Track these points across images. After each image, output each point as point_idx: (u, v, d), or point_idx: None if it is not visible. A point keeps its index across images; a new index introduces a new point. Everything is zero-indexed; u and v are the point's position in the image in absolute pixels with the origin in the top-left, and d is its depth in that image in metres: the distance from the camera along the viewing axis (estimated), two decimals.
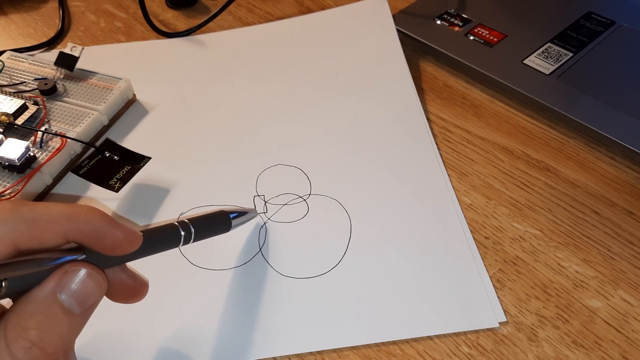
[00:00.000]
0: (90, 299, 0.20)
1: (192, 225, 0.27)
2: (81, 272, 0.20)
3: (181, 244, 0.26)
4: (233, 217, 0.31)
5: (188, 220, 0.27)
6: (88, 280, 0.20)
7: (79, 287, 0.20)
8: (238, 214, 0.32)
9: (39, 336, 0.18)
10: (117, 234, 0.21)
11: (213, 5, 0.53)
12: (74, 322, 0.20)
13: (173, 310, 0.32)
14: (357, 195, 0.36)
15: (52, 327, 0.19)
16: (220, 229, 0.31)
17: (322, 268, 0.33)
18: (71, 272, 0.20)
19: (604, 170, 0.38)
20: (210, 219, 0.30)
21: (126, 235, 0.21)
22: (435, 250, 0.33)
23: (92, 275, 0.20)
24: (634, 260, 0.33)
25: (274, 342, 0.30)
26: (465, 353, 0.30)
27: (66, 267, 0.20)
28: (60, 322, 0.19)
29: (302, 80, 0.44)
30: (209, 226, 0.29)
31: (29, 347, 0.18)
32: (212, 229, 0.30)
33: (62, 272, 0.19)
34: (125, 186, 0.38)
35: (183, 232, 0.26)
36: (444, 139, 0.40)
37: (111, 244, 0.21)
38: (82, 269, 0.20)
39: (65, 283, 0.19)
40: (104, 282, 0.21)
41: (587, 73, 0.42)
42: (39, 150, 0.37)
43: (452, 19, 0.47)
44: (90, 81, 0.42)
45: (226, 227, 0.31)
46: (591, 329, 0.30)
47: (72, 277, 0.20)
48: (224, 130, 0.41)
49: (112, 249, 0.21)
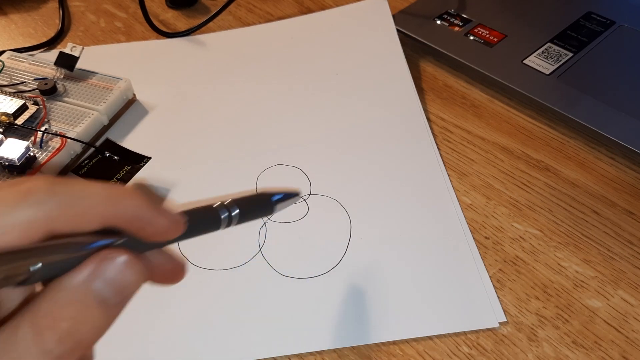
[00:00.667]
0: (128, 289, 0.18)
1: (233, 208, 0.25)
2: (120, 260, 0.18)
3: (222, 227, 0.25)
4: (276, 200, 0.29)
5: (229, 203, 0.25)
6: (127, 269, 0.18)
7: (116, 277, 0.18)
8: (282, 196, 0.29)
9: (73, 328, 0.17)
10: (160, 222, 0.19)
11: (213, 5, 0.53)
12: (108, 313, 0.18)
13: (173, 310, 0.32)
14: (357, 195, 0.36)
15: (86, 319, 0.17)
16: (263, 212, 0.28)
17: (322, 268, 0.33)
18: (109, 260, 0.18)
19: (604, 170, 0.38)
20: (253, 202, 0.28)
21: (170, 223, 0.20)
22: (435, 250, 0.33)
23: (131, 264, 0.18)
24: (634, 260, 0.33)
25: (274, 342, 0.30)
26: (465, 353, 0.30)
27: (103, 253, 0.18)
28: (95, 313, 0.17)
29: (302, 80, 0.44)
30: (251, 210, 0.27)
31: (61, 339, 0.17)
32: (255, 212, 0.28)
33: (98, 259, 0.18)
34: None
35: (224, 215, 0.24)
36: (444, 139, 0.40)
37: (153, 232, 0.19)
38: (121, 256, 0.18)
39: (102, 271, 0.18)
40: (144, 271, 0.19)
41: (587, 73, 0.42)
42: (39, 150, 0.37)
43: (452, 19, 0.47)
44: (90, 81, 0.42)
45: (269, 210, 0.29)
46: (591, 329, 0.30)
47: (109, 265, 0.18)
48: (224, 130, 0.41)
49: (153, 236, 0.19)
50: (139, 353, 0.30)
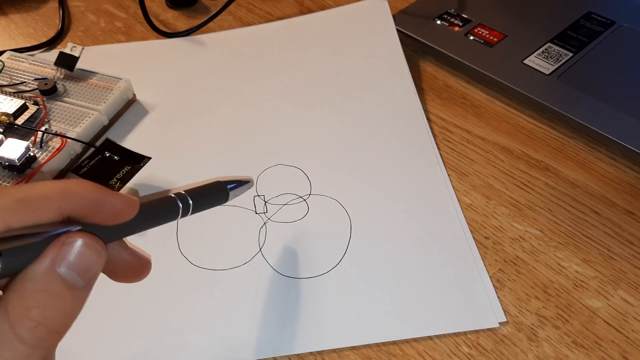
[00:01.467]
0: (91, 269, 0.19)
1: (189, 197, 0.26)
2: (78, 242, 0.19)
3: (179, 216, 0.25)
4: (231, 188, 0.30)
5: (185, 192, 0.26)
6: (87, 250, 0.19)
7: (78, 258, 0.18)
8: (236, 184, 0.31)
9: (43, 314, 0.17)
10: (114, 202, 0.20)
11: (213, 5, 0.53)
12: (77, 296, 0.19)
13: (173, 310, 0.32)
14: (357, 195, 0.36)
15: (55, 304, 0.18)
16: (218, 199, 0.29)
17: (322, 268, 0.33)
18: (68, 244, 0.19)
19: (604, 170, 0.38)
20: (208, 190, 0.29)
21: (123, 202, 0.20)
22: (435, 250, 0.33)
23: (90, 245, 0.19)
24: (634, 260, 0.33)
25: (274, 342, 0.30)
26: (465, 353, 0.30)
27: (62, 238, 0.19)
28: (63, 297, 0.18)
29: (302, 80, 0.44)
30: (207, 197, 0.28)
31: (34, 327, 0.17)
32: (210, 200, 0.29)
33: (59, 245, 0.18)
34: (126, 186, 0.38)
35: (181, 203, 0.25)
36: (444, 139, 0.40)
37: (109, 213, 0.20)
38: (79, 238, 0.19)
39: (63, 255, 0.18)
40: (103, 251, 0.20)
41: (587, 73, 0.42)
42: (39, 150, 0.37)
43: (452, 19, 0.47)
44: (90, 81, 0.42)
45: (224, 197, 0.30)
46: (591, 329, 0.30)
47: (69, 248, 0.18)
48: (224, 130, 0.41)
49: (111, 217, 0.20)
50: (139, 353, 0.30)
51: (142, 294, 0.32)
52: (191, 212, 0.26)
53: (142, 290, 0.32)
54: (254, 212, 0.36)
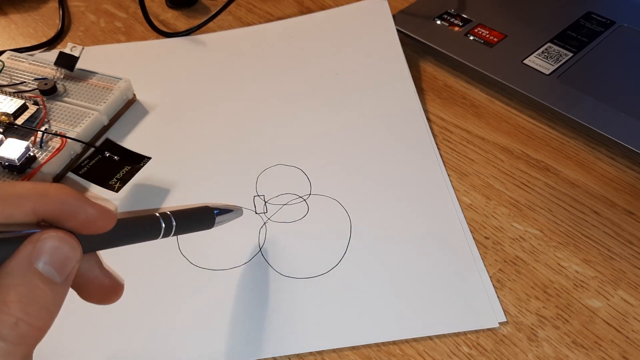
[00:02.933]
0: (68, 264, 0.19)
1: (174, 218, 0.25)
2: (54, 238, 0.19)
3: (161, 236, 0.25)
4: (217, 214, 0.30)
5: (170, 213, 0.25)
6: (62, 244, 0.19)
7: (54, 253, 0.19)
8: (222, 211, 0.30)
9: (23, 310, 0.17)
10: (89, 211, 0.20)
11: (213, 5, 0.53)
12: (56, 291, 0.18)
13: (173, 310, 0.32)
14: (357, 195, 0.36)
15: (35, 299, 0.18)
16: (203, 224, 0.29)
17: (322, 268, 0.33)
18: (44, 239, 0.19)
19: (604, 170, 0.38)
20: (194, 214, 0.29)
21: (99, 213, 0.20)
22: (435, 251, 0.33)
23: (65, 240, 0.19)
24: (634, 260, 0.33)
25: (274, 342, 0.30)
26: (465, 353, 0.30)
27: (37, 235, 0.19)
28: (42, 292, 0.18)
29: (302, 80, 0.44)
30: (192, 221, 0.28)
31: (14, 323, 0.17)
32: (195, 224, 0.28)
33: (34, 240, 0.18)
34: (126, 186, 0.38)
35: (164, 224, 0.25)
36: (444, 139, 0.40)
37: (84, 221, 0.20)
38: (55, 234, 0.19)
39: (39, 250, 0.18)
40: (78, 246, 0.20)
41: (587, 73, 0.42)
42: (39, 150, 0.37)
43: (452, 19, 0.47)
44: (90, 81, 0.42)
45: (209, 223, 0.29)
46: (591, 329, 0.30)
47: (45, 243, 0.18)
48: (224, 130, 0.41)
49: (85, 226, 0.20)
50: (139, 353, 0.30)
51: (142, 294, 0.32)
52: (174, 233, 0.26)
53: (142, 290, 0.32)
54: (254, 212, 0.36)
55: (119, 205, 0.37)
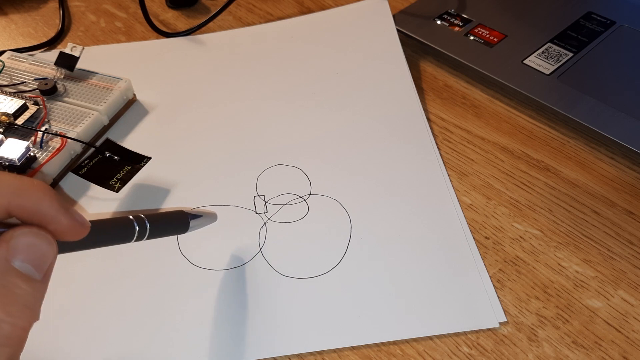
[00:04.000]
0: (45, 260, 0.18)
1: (148, 221, 0.25)
2: (30, 234, 0.18)
3: (134, 239, 0.25)
4: (191, 219, 0.30)
5: (145, 216, 0.25)
6: (39, 241, 0.18)
7: (31, 250, 0.18)
8: (196, 217, 0.30)
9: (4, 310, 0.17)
10: (62, 221, 0.19)
11: (213, 5, 0.53)
12: (36, 288, 0.18)
13: (173, 310, 0.32)
14: (357, 195, 0.36)
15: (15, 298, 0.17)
16: (178, 229, 0.29)
17: (322, 268, 0.33)
18: (19, 236, 0.18)
19: (604, 170, 0.38)
20: (169, 218, 0.29)
21: (72, 224, 0.20)
22: (435, 250, 0.33)
23: (41, 235, 0.18)
24: (634, 260, 0.33)
25: (274, 342, 0.30)
26: (465, 353, 0.30)
27: (11, 231, 0.18)
28: (22, 290, 0.17)
29: (302, 80, 0.44)
30: (166, 225, 0.28)
31: None
32: (169, 228, 0.28)
33: (9, 237, 0.18)
34: (126, 186, 0.38)
35: (138, 227, 0.24)
36: (444, 139, 0.40)
37: (54, 230, 0.19)
38: (30, 230, 0.18)
39: (15, 247, 0.18)
40: (54, 242, 0.19)
41: (587, 73, 0.42)
42: (39, 151, 0.37)
43: (452, 19, 0.47)
44: (90, 81, 0.42)
45: (184, 228, 0.29)
46: (591, 329, 0.30)
47: (21, 240, 0.18)
48: (224, 130, 0.41)
49: (55, 235, 0.19)
50: (139, 353, 0.30)
51: (142, 294, 0.32)
52: (147, 236, 0.25)
53: (142, 290, 0.33)
54: (254, 212, 0.36)
55: (119, 205, 0.37)
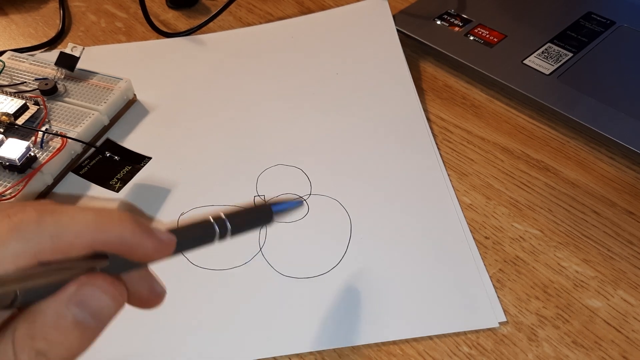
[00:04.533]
0: (104, 313, 0.19)
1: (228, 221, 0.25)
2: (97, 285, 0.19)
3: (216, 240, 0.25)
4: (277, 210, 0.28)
5: (225, 216, 0.25)
6: (104, 294, 0.19)
7: (93, 302, 0.19)
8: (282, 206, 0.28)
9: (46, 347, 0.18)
10: (147, 245, 0.20)
11: (213, 5, 0.53)
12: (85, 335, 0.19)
13: (173, 310, 0.32)
14: (357, 195, 0.36)
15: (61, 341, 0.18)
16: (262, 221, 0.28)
17: (322, 268, 0.33)
18: (86, 285, 0.19)
19: (604, 170, 0.38)
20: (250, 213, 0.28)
21: (158, 246, 0.21)
22: (435, 250, 0.33)
23: (108, 291, 0.19)
24: (634, 260, 0.33)
25: (274, 342, 0.30)
26: (465, 353, 0.30)
27: (82, 279, 0.19)
28: (70, 335, 0.18)
29: (302, 80, 0.44)
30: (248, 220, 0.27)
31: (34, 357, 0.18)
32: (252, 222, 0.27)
33: (77, 284, 0.19)
34: (126, 186, 0.38)
35: (218, 228, 0.24)
36: (444, 139, 0.40)
37: (141, 255, 0.20)
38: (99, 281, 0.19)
39: (79, 296, 0.19)
40: (121, 297, 0.20)
41: (587, 73, 0.42)
42: (39, 150, 0.37)
43: (452, 19, 0.47)
44: (90, 81, 0.42)
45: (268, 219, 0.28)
46: (591, 329, 0.30)
47: (87, 290, 0.19)
48: (225, 130, 0.41)
49: (142, 258, 0.21)
50: (139, 353, 0.30)
51: None
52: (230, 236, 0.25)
53: None
54: None
55: (119, 206, 0.37)
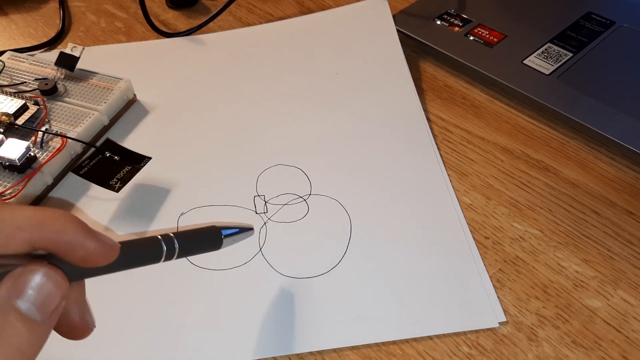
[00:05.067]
0: (51, 303, 0.18)
1: (176, 240, 0.24)
2: (38, 274, 0.18)
3: (162, 260, 0.24)
4: (226, 235, 0.28)
5: (173, 234, 0.24)
6: (46, 281, 0.18)
7: (36, 291, 0.17)
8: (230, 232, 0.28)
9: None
10: (89, 245, 0.19)
11: (213, 5, 0.53)
12: (35, 331, 0.17)
13: (173, 310, 0.32)
14: (357, 195, 0.36)
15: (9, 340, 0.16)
16: (210, 246, 0.28)
17: (322, 268, 0.33)
18: (26, 274, 0.17)
19: (604, 170, 0.38)
20: (199, 234, 0.27)
21: (101, 247, 0.19)
22: (435, 250, 0.33)
23: (50, 276, 0.18)
24: (634, 260, 0.33)
25: (274, 342, 0.30)
26: (465, 353, 0.30)
27: (20, 269, 0.18)
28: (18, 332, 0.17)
29: (302, 80, 0.44)
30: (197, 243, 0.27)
31: None
32: (200, 245, 0.27)
33: (16, 275, 0.17)
34: (126, 186, 0.38)
35: (165, 247, 0.24)
36: (444, 139, 0.40)
37: (82, 256, 0.19)
38: (39, 269, 0.18)
39: (20, 287, 0.17)
40: (64, 282, 0.18)
41: (587, 73, 0.42)
42: (39, 151, 0.37)
43: (452, 19, 0.47)
44: (90, 81, 0.42)
45: (217, 244, 0.28)
46: (591, 329, 0.30)
47: (27, 279, 0.17)
48: (224, 130, 0.41)
49: (83, 260, 0.19)
50: (139, 353, 0.30)
51: (142, 294, 0.32)
52: (177, 256, 0.24)
53: (142, 290, 0.33)
54: (254, 212, 0.36)
55: (120, 206, 0.37)
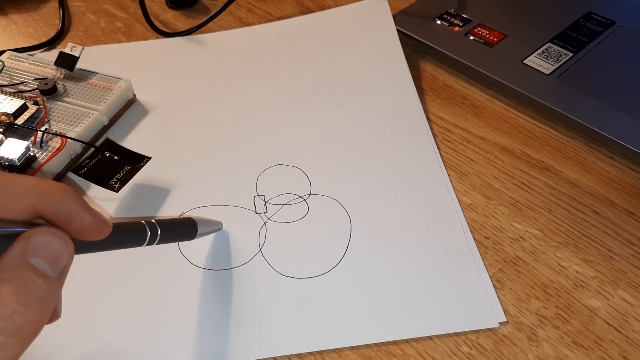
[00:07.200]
0: (61, 259, 0.19)
1: (159, 227, 0.26)
2: (47, 233, 0.19)
3: (145, 243, 0.26)
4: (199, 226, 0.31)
5: (156, 221, 0.27)
6: (56, 240, 0.19)
7: (47, 248, 0.19)
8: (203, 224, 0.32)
9: (18, 302, 0.17)
10: (86, 218, 0.20)
11: (213, 5, 0.53)
12: (50, 285, 0.19)
13: (173, 310, 0.32)
14: (357, 195, 0.36)
15: (29, 292, 0.18)
16: (186, 235, 0.31)
17: (322, 268, 0.33)
18: (38, 234, 0.19)
19: (604, 170, 0.38)
20: (178, 224, 0.30)
21: (96, 222, 0.21)
22: (435, 250, 0.33)
23: (58, 235, 0.19)
24: (634, 260, 0.33)
25: (274, 342, 0.30)
26: (465, 353, 0.30)
27: (31, 230, 0.19)
28: (37, 285, 0.18)
29: (302, 80, 0.44)
30: (176, 231, 0.29)
31: (10, 315, 0.17)
32: (179, 234, 0.30)
33: (28, 236, 0.19)
34: (126, 186, 0.38)
35: (149, 231, 0.26)
36: (444, 139, 0.40)
37: (79, 228, 0.20)
38: (50, 230, 0.19)
39: (33, 245, 0.19)
40: (71, 242, 0.20)
41: (587, 73, 0.42)
42: (39, 150, 0.37)
43: (452, 19, 0.47)
44: (90, 81, 0.42)
45: (192, 234, 0.31)
46: (591, 329, 0.30)
47: (40, 239, 0.19)
48: (224, 130, 0.41)
49: (79, 232, 0.20)
50: (139, 353, 0.30)
51: (142, 294, 0.32)
52: (158, 241, 0.27)
53: (142, 290, 0.33)
54: (254, 212, 0.36)
55: (119, 205, 0.37)
